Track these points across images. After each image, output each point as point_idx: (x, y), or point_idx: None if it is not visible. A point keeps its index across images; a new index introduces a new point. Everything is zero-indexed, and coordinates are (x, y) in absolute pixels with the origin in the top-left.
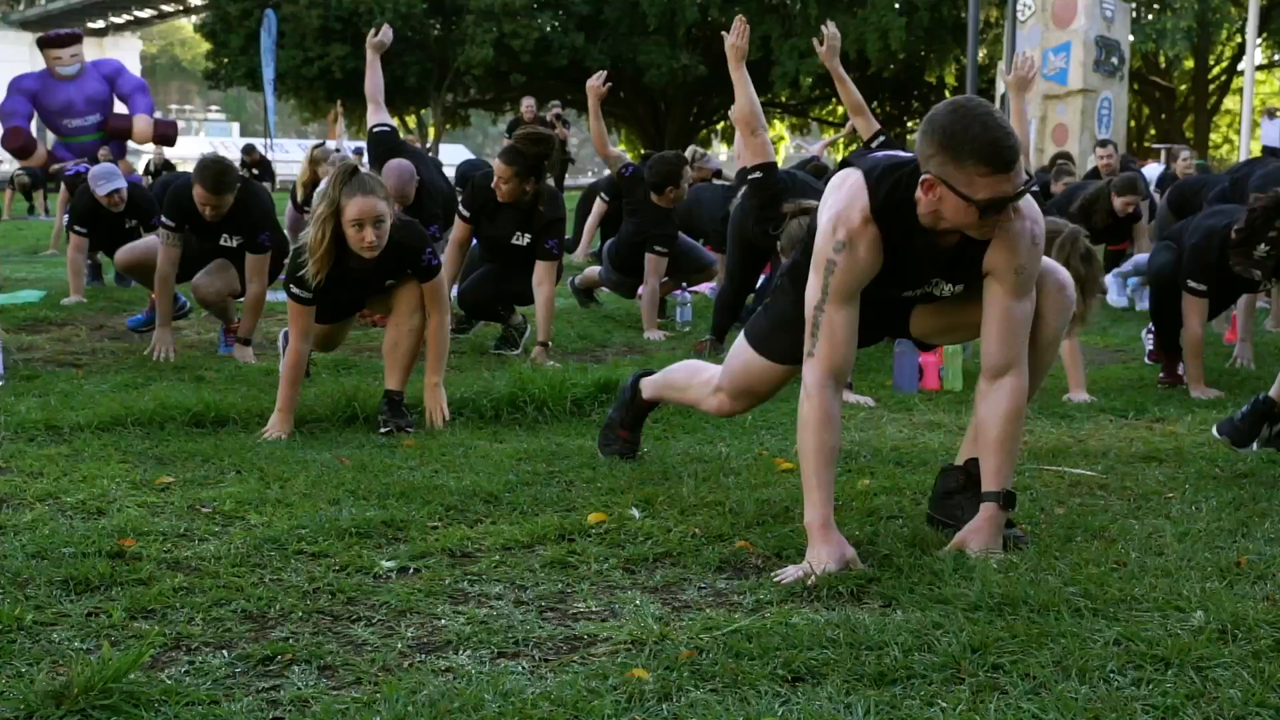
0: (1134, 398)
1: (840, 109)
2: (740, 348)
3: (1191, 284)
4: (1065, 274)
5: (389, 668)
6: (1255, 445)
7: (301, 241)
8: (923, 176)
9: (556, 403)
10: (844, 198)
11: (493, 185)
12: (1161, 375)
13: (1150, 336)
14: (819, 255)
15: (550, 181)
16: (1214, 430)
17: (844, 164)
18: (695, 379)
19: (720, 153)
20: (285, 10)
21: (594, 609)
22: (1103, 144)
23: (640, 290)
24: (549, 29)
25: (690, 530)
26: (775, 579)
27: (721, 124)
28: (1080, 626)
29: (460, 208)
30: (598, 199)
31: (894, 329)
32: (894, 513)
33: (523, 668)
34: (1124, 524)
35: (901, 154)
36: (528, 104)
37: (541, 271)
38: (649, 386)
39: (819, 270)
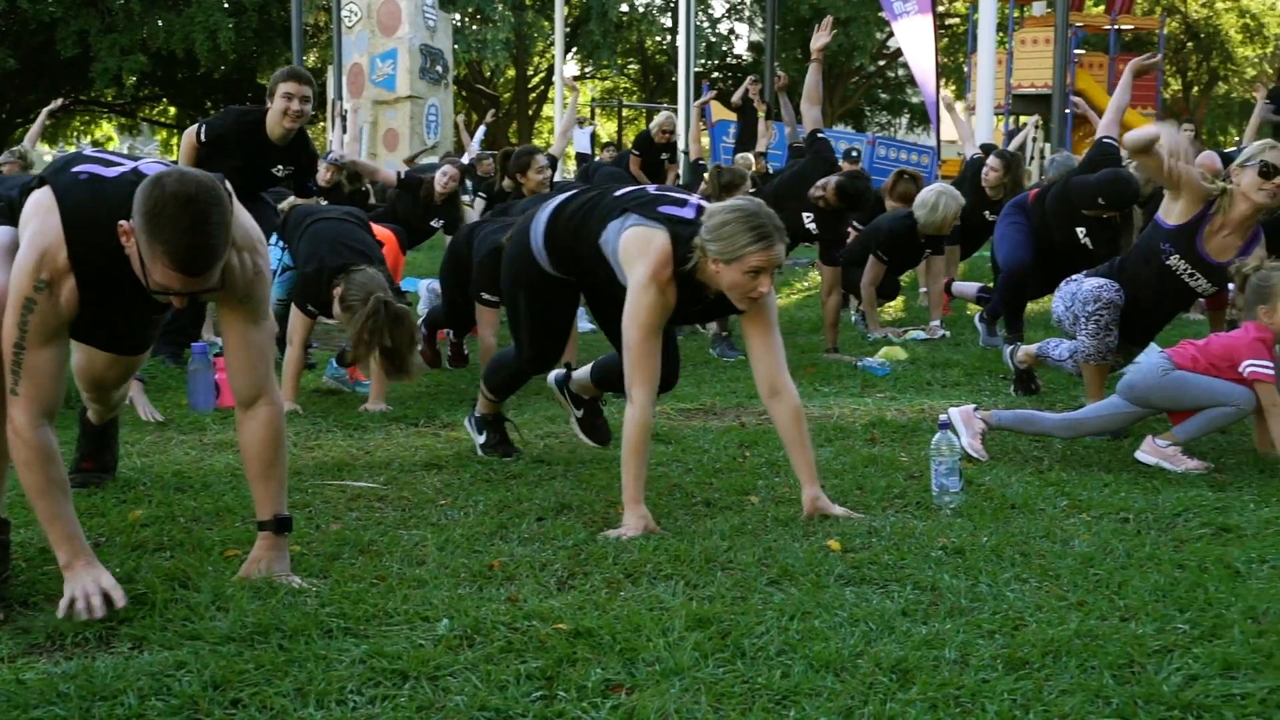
0: (427, 405)
1: (173, 110)
2: None
3: (485, 296)
4: None
5: None
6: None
7: None
8: None
9: None
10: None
11: None
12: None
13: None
14: (15, 294)
15: None
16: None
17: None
18: None
19: (45, 152)
20: None
21: None
22: None
23: None
24: None
25: None
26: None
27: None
28: (329, 648)
29: None
30: None
31: None
32: (161, 544)
33: None
34: (393, 535)
35: None
36: None
37: None
38: None
39: (14, 310)
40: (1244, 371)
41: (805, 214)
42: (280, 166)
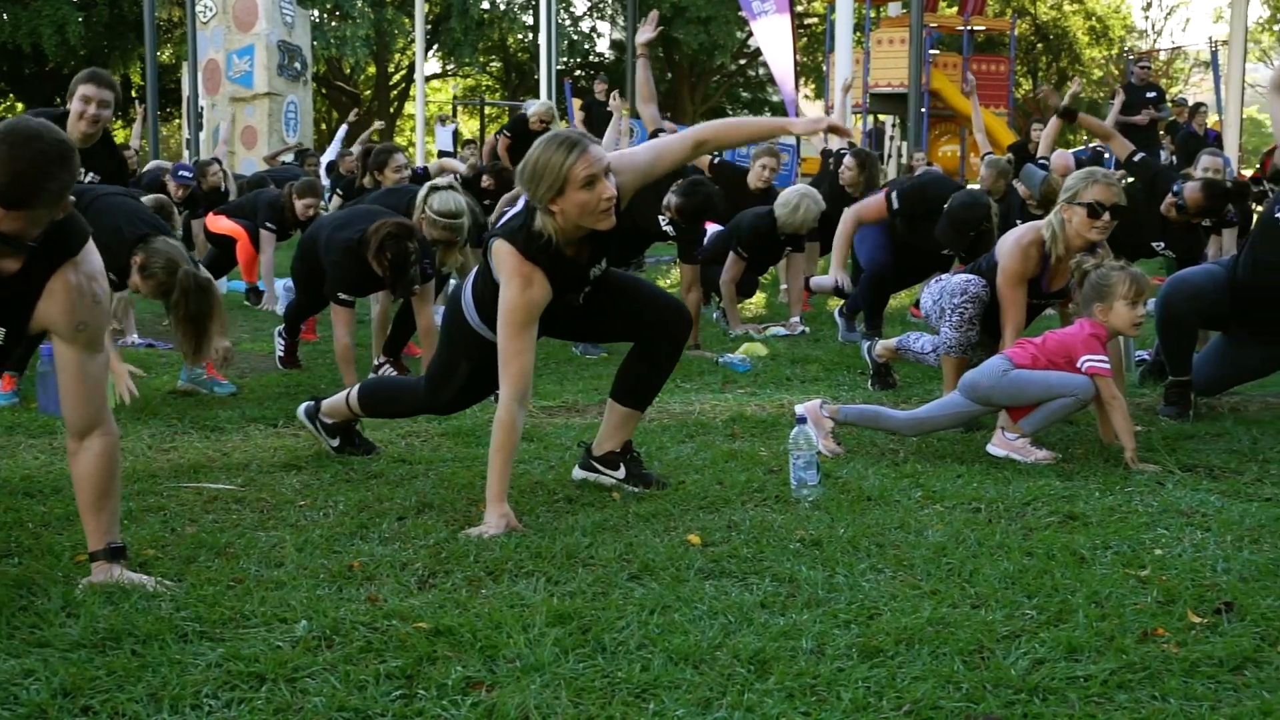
0: (286, 405)
1: (20, 106)
2: None
3: (342, 296)
4: None
5: None
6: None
7: None
8: None
9: None
10: None
11: None
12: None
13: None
14: None
15: None
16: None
17: None
18: None
19: None
20: None
21: None
22: None
23: None
24: None
25: None
26: None
27: None
28: (184, 652)
29: None
30: None
31: None
32: (9, 550)
33: None
34: (251, 537)
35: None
36: None
37: None
38: None
39: None
40: (1082, 368)
41: (660, 216)
42: (82, 169)
